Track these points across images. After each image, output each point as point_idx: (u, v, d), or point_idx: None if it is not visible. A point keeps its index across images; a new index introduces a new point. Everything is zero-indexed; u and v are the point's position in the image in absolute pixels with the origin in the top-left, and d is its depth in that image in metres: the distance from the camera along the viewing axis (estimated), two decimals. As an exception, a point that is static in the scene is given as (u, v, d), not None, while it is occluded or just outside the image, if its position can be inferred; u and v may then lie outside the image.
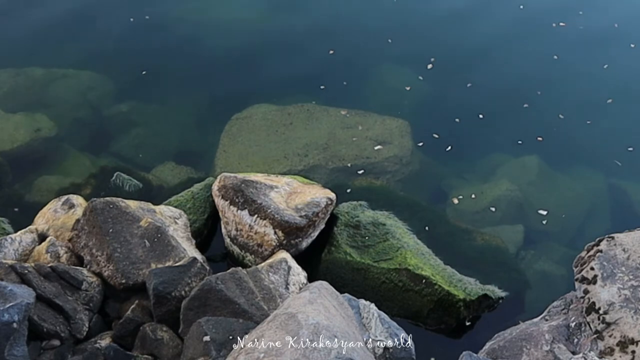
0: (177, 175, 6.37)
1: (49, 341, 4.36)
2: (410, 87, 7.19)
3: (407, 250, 5.33)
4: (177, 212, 5.43)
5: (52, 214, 5.40)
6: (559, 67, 7.48)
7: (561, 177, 6.54)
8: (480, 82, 7.27)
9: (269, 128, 6.71)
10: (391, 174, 6.38)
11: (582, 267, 4.46)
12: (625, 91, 7.25)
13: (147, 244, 4.90)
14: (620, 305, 4.16)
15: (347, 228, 5.55)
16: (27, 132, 6.65)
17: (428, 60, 7.44)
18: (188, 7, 8.15)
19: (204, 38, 7.76)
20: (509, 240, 5.86)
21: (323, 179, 6.24)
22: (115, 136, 6.81)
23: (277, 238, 5.20)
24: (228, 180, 5.47)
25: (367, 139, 6.60)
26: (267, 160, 6.42)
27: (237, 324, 4.16)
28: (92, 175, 6.31)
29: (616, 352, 4.06)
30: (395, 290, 5.20)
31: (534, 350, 4.29)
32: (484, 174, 6.54)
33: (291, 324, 3.34)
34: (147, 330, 4.45)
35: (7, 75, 7.30)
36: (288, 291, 4.75)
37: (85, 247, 4.98)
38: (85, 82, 7.25)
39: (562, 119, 6.91)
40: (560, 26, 7.93)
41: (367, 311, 4.28)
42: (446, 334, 5.19)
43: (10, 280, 4.33)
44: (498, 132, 6.86)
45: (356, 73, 7.40)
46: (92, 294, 4.71)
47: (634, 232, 4.59)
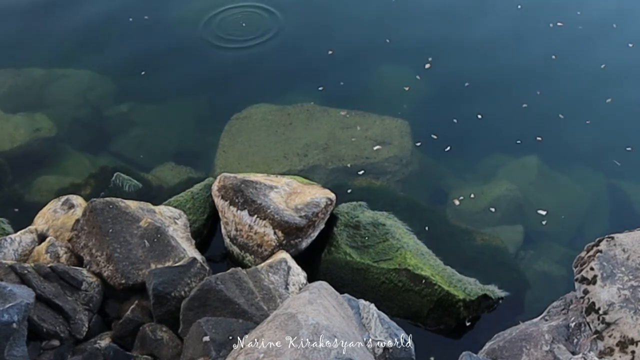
0: (177, 175, 6.37)
1: (49, 341, 4.36)
2: (408, 87, 7.19)
3: (407, 250, 5.33)
4: (177, 212, 5.43)
5: (52, 214, 5.40)
6: (557, 67, 7.47)
7: (561, 177, 6.54)
8: (478, 81, 7.27)
9: (269, 128, 6.71)
10: (391, 174, 6.38)
11: (581, 267, 4.46)
12: (624, 91, 7.25)
13: (146, 244, 4.90)
14: (620, 305, 4.16)
15: (347, 228, 5.55)
16: (27, 132, 6.65)
17: (426, 60, 7.43)
18: (188, 7, 8.16)
19: (204, 38, 7.76)
20: (509, 241, 5.86)
21: (323, 179, 6.24)
22: (115, 136, 6.81)
23: (276, 238, 5.20)
24: (228, 180, 5.47)
25: (367, 139, 6.60)
26: (266, 161, 6.42)
27: (236, 324, 4.16)
28: (91, 176, 6.31)
29: (616, 352, 4.07)
30: (395, 290, 5.20)
31: (534, 350, 4.29)
32: (484, 174, 6.53)
33: (291, 324, 3.34)
34: (146, 331, 4.45)
35: (7, 75, 7.30)
36: (288, 291, 4.75)
37: (85, 248, 4.98)
38: (85, 82, 7.25)
39: (561, 119, 6.91)
40: (557, 26, 7.92)
41: (367, 311, 4.28)
42: (446, 334, 5.19)
43: (10, 280, 4.33)
44: (497, 132, 6.86)
45: (355, 73, 7.39)
46: (91, 294, 4.71)
47: (634, 232, 4.58)
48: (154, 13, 8.05)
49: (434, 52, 7.53)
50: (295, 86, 7.24)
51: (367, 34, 7.82)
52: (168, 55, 7.54)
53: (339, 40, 7.73)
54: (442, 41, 7.72)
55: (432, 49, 7.58)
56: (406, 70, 7.42)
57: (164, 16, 8.04)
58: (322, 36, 7.77)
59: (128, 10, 8.06)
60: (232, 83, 7.28)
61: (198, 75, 7.35)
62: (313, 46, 7.65)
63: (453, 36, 7.79)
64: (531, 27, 7.97)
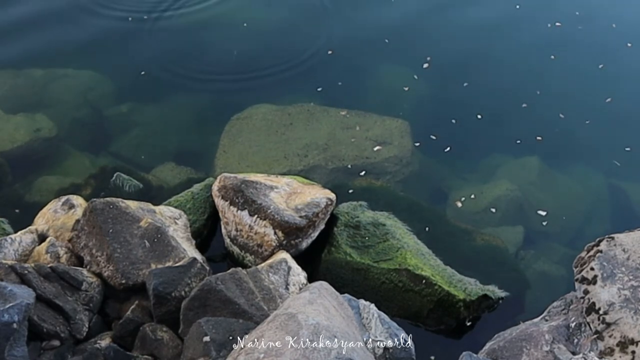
0: (177, 175, 6.37)
1: (49, 341, 4.36)
2: (408, 88, 7.19)
3: (407, 250, 5.33)
4: (177, 213, 5.43)
5: (52, 214, 5.40)
6: (557, 67, 7.47)
7: (561, 177, 6.54)
8: (477, 81, 7.27)
9: (269, 128, 6.71)
10: (391, 175, 6.38)
11: (582, 267, 4.46)
12: (624, 90, 7.25)
13: (147, 245, 4.90)
14: (620, 305, 4.16)
15: (347, 228, 5.55)
16: (27, 132, 6.64)
17: (425, 59, 7.43)
18: (187, 7, 8.16)
19: (204, 38, 7.77)
20: (509, 241, 5.86)
21: (323, 180, 6.24)
22: (115, 136, 6.81)
23: (277, 238, 5.20)
24: (228, 180, 5.47)
25: (367, 140, 6.60)
26: (267, 161, 6.42)
27: (237, 324, 4.16)
28: (92, 176, 6.31)
29: (616, 352, 4.07)
30: (395, 290, 5.20)
31: (534, 350, 4.29)
32: (484, 174, 6.53)
33: (291, 324, 3.34)
34: (147, 331, 4.45)
35: (7, 75, 7.29)
36: (288, 291, 4.75)
37: (85, 248, 4.98)
38: (85, 82, 7.25)
39: (561, 119, 6.91)
40: (556, 26, 7.93)
41: (367, 311, 4.28)
42: (446, 334, 5.19)
43: (10, 280, 4.33)
44: (497, 132, 6.86)
45: (355, 73, 7.39)
46: (92, 295, 4.71)
47: (634, 232, 4.58)
48: (153, 13, 8.05)
49: (433, 52, 7.53)
50: (296, 86, 7.24)
51: (366, 33, 7.82)
52: (168, 55, 7.54)
53: (338, 40, 7.72)
54: (441, 41, 7.73)
55: (431, 48, 7.58)
56: (405, 70, 7.42)
57: (164, 16, 8.03)
58: (321, 36, 7.77)
59: (128, 10, 8.06)
60: (232, 83, 7.27)
61: (198, 75, 7.35)
62: (313, 46, 7.65)
63: (452, 36, 7.79)
64: (530, 27, 7.97)
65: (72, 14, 8.04)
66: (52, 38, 7.73)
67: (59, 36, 7.76)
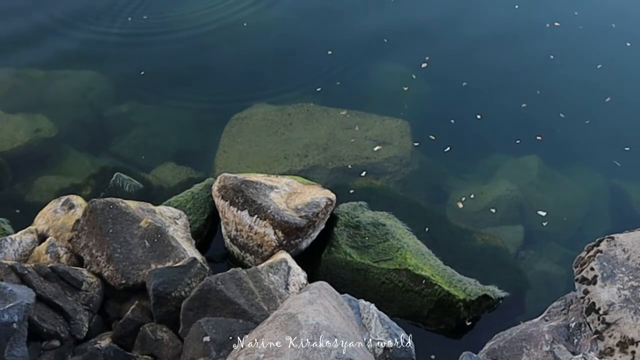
0: (177, 175, 6.37)
1: (49, 342, 4.36)
2: (408, 88, 7.19)
3: (407, 250, 5.34)
4: (177, 213, 5.43)
5: (52, 214, 5.40)
6: (557, 67, 7.47)
7: (561, 177, 6.54)
8: (477, 81, 7.27)
9: (269, 128, 6.71)
10: (391, 175, 6.38)
11: (582, 267, 4.46)
12: (623, 90, 7.25)
13: (147, 245, 4.90)
14: (620, 305, 4.16)
15: (347, 228, 5.55)
16: (27, 132, 6.64)
17: (424, 59, 7.43)
18: (187, 7, 8.16)
19: (204, 38, 7.77)
20: (509, 241, 5.86)
21: (323, 180, 6.24)
22: (115, 136, 6.80)
23: (277, 238, 5.20)
24: (228, 180, 5.47)
25: (367, 140, 6.60)
26: (267, 161, 6.42)
27: (237, 324, 4.16)
28: (92, 176, 6.30)
29: (616, 352, 4.07)
30: (395, 290, 5.20)
31: (534, 350, 4.29)
32: (484, 174, 6.53)
33: (291, 324, 3.34)
34: (147, 331, 4.45)
35: (7, 75, 7.29)
36: (288, 291, 4.75)
37: (85, 248, 4.98)
38: (85, 82, 7.24)
39: (561, 119, 6.91)
40: (555, 26, 7.92)
41: (367, 311, 4.28)
42: (446, 334, 5.19)
43: (10, 280, 4.33)
44: (497, 132, 6.86)
45: (355, 73, 7.39)
46: (92, 295, 4.71)
47: (634, 232, 4.58)
48: (153, 13, 8.05)
49: (432, 51, 7.53)
50: (296, 86, 7.24)
51: (367, 34, 7.82)
52: (168, 56, 7.53)
53: (338, 40, 7.72)
54: (440, 41, 7.72)
55: (430, 48, 7.58)
56: (405, 70, 7.42)
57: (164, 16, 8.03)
58: (321, 36, 7.77)
59: (128, 11, 8.06)
60: (232, 83, 7.28)
61: (198, 75, 7.35)
62: (312, 46, 7.65)
63: (451, 36, 7.79)
64: (528, 27, 7.96)
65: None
66: (52, 38, 7.75)
67: (59, 36, 7.77)
